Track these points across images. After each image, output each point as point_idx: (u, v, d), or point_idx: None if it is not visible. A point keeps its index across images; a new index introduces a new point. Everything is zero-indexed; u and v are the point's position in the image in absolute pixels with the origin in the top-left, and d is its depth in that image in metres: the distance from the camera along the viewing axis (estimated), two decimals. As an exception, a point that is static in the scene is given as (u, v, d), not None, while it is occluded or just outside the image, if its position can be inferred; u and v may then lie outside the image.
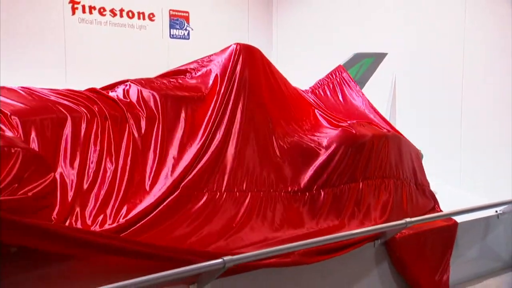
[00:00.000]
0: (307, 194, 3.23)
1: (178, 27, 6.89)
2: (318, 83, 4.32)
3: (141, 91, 3.18)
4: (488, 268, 3.96)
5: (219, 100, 3.23)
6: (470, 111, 5.10)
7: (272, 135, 3.37)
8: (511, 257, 4.14)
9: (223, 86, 3.30)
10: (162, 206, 2.64)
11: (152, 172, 2.82)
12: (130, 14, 6.49)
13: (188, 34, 6.98)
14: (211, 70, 3.49)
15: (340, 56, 5.39)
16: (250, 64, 3.49)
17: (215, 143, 3.05)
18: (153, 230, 2.51)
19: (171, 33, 6.85)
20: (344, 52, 5.52)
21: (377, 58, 5.32)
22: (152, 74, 3.58)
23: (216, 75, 3.41)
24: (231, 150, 3.11)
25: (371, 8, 6.21)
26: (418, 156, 4.09)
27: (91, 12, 6.20)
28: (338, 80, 4.27)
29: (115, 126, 2.90)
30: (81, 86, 3.27)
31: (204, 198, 2.81)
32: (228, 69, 3.39)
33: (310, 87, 4.28)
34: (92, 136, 2.78)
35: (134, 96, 3.16)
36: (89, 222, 2.43)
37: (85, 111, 2.87)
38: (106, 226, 2.44)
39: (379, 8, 6.10)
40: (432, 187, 4.30)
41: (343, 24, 6.53)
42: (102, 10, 6.28)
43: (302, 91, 4.15)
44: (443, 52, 5.34)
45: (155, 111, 3.09)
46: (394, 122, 4.91)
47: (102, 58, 6.24)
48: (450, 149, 5.23)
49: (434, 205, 3.92)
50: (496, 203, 3.91)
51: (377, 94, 5.15)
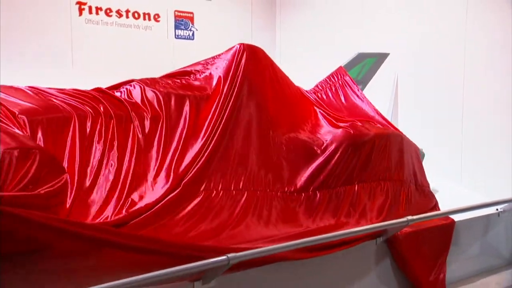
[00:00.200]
0: (303, 194, 3.25)
1: (183, 27, 6.92)
2: (320, 85, 4.31)
3: (146, 90, 3.21)
4: (488, 265, 3.99)
5: (221, 100, 3.26)
6: (471, 111, 5.11)
7: (272, 135, 3.39)
8: (511, 254, 4.17)
9: (226, 86, 3.33)
10: (162, 203, 2.66)
11: (155, 170, 2.85)
12: (136, 15, 6.51)
13: (192, 34, 7.00)
14: (215, 70, 3.51)
15: (343, 56, 5.43)
16: (253, 64, 3.50)
17: (216, 142, 3.07)
18: (152, 225, 2.53)
19: (176, 33, 6.87)
20: (346, 52, 5.55)
21: (379, 58, 5.35)
22: (157, 74, 3.59)
23: (220, 75, 3.43)
24: (230, 149, 3.13)
25: (373, 9, 6.22)
26: (419, 157, 4.10)
27: (97, 13, 6.21)
28: (340, 83, 4.27)
29: (119, 125, 2.93)
30: (87, 85, 3.29)
31: (201, 196, 2.84)
32: (232, 69, 3.41)
33: (311, 89, 4.27)
34: (96, 134, 2.81)
35: (139, 95, 3.19)
36: (89, 219, 2.45)
37: (90, 110, 2.90)
38: (108, 219, 2.46)
39: (381, 9, 6.11)
40: (434, 186, 4.32)
41: (346, 25, 6.54)
42: (108, 11, 6.30)
43: (305, 91, 4.15)
44: (445, 52, 5.34)
45: (159, 110, 3.12)
46: (396, 121, 4.94)
47: (108, 58, 6.25)
48: (452, 148, 5.24)
49: (434, 205, 3.93)
50: (497, 201, 3.93)
51: (379, 93, 5.19)
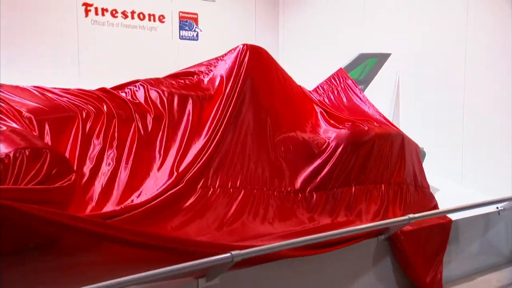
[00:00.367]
0: (300, 195, 3.28)
1: (187, 28, 6.97)
2: (321, 88, 4.32)
3: (150, 90, 3.26)
4: (489, 263, 4.02)
5: (224, 100, 3.30)
6: (472, 110, 5.12)
7: (272, 135, 3.42)
8: (511, 252, 4.20)
9: (229, 86, 3.37)
10: (160, 199, 2.69)
11: (156, 167, 2.90)
12: (141, 16, 6.58)
13: (197, 35, 7.05)
14: (218, 70, 3.55)
15: (345, 57, 5.47)
16: (256, 64, 3.54)
17: (217, 141, 3.12)
18: (147, 219, 2.55)
19: (181, 34, 6.93)
20: (348, 52, 5.58)
21: (380, 59, 5.39)
22: (162, 74, 3.64)
23: (222, 76, 3.47)
24: (230, 148, 3.17)
25: (375, 9, 6.23)
26: (419, 157, 4.11)
27: (103, 14, 6.27)
28: (343, 86, 4.29)
29: (121, 124, 2.97)
30: (93, 85, 3.35)
31: (199, 193, 2.87)
32: (234, 69, 3.46)
33: (313, 90, 4.29)
34: (97, 133, 2.84)
35: (142, 95, 3.24)
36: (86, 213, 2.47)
37: (93, 110, 2.94)
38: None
39: (383, 9, 6.12)
40: (435, 185, 4.36)
41: (348, 26, 6.56)
42: (114, 12, 6.36)
43: (308, 91, 4.17)
44: (446, 53, 5.34)
45: (162, 110, 3.17)
46: (398, 121, 4.98)
47: (114, 58, 6.31)
48: (452, 148, 5.24)
49: (433, 205, 3.94)
50: (497, 199, 3.96)
51: (380, 94, 5.23)
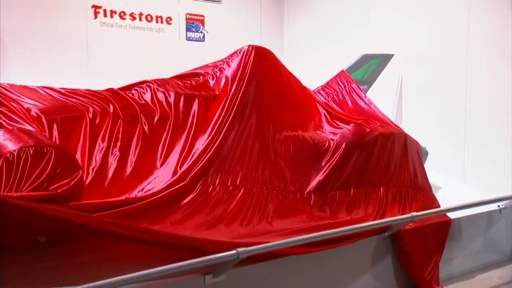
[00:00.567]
0: (298, 195, 3.33)
1: (194, 30, 7.04)
2: (325, 90, 4.34)
3: (156, 91, 3.32)
4: (490, 260, 4.07)
5: (229, 100, 3.36)
6: (473, 110, 5.15)
7: (274, 135, 3.47)
8: (512, 249, 4.25)
9: (234, 86, 3.43)
10: (163, 194, 2.73)
11: (159, 165, 2.96)
12: (149, 18, 6.65)
13: (203, 36, 7.12)
14: (224, 71, 3.61)
15: (349, 57, 5.53)
16: (260, 64, 3.60)
17: (220, 140, 3.18)
18: (145, 214, 2.59)
19: (188, 35, 6.99)
20: (352, 53, 5.64)
21: (383, 59, 5.45)
22: (169, 74, 3.71)
23: (228, 76, 3.53)
24: (232, 147, 3.23)
25: (379, 11, 6.27)
26: (421, 158, 4.13)
27: (112, 16, 6.34)
28: (348, 90, 4.32)
29: (126, 124, 3.03)
30: (102, 86, 3.41)
31: (198, 190, 2.92)
32: (239, 70, 3.51)
33: (316, 90, 4.33)
34: (102, 132, 2.90)
35: (149, 96, 3.30)
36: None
37: (99, 110, 3.00)
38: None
39: (387, 11, 6.16)
40: (438, 184, 4.42)
41: (352, 26, 6.60)
42: (122, 14, 6.44)
43: (313, 92, 4.22)
44: (448, 53, 5.38)
45: (168, 110, 3.23)
46: (400, 121, 5.04)
47: (122, 59, 6.38)
48: (454, 147, 5.28)
49: (435, 206, 3.95)
50: (498, 198, 4.01)
51: (383, 94, 5.28)
